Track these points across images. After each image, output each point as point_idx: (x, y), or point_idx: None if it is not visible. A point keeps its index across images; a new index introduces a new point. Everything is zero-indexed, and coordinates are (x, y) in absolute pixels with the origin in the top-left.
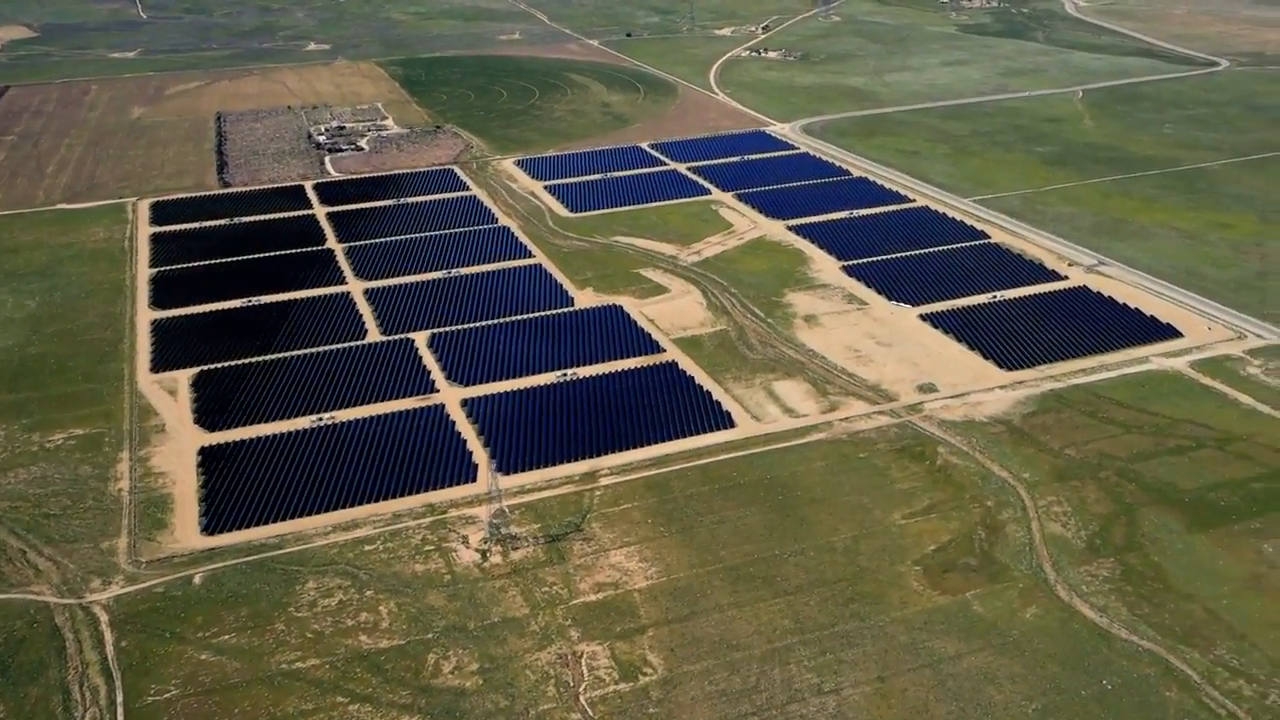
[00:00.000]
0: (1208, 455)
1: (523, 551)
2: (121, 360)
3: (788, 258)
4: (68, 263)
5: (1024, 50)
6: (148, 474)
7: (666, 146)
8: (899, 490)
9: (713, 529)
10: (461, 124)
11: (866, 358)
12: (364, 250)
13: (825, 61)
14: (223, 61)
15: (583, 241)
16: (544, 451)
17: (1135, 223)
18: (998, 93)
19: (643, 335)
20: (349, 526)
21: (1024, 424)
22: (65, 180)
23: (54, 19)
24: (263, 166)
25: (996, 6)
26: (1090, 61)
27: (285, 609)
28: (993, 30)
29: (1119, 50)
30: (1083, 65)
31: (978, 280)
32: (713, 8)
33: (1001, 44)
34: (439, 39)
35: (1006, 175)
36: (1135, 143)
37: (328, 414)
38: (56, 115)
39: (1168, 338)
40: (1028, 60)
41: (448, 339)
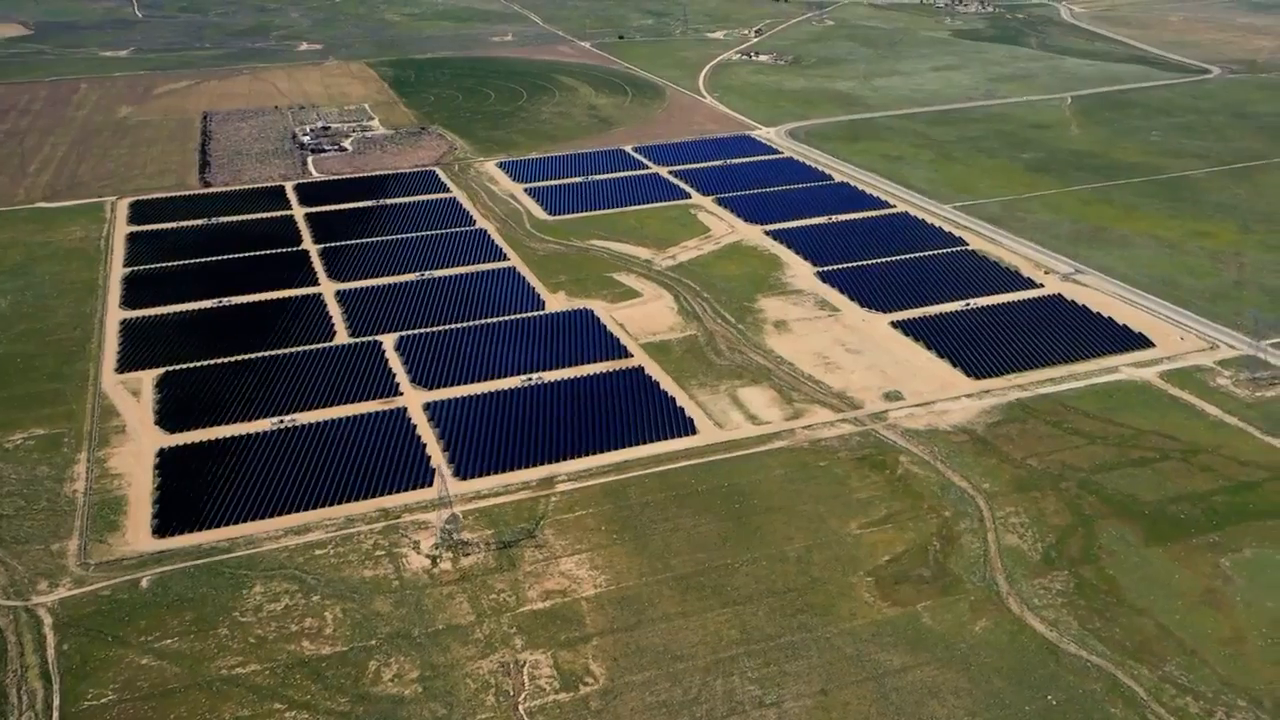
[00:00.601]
0: (1171, 467)
1: (473, 558)
2: (88, 360)
3: (763, 263)
4: (42, 261)
5: (1015, 56)
6: (104, 475)
7: (649, 150)
8: (857, 500)
9: (666, 537)
10: (447, 125)
11: (834, 365)
12: (339, 251)
13: (816, 65)
14: (214, 61)
15: (559, 245)
16: (504, 457)
17: (1115, 231)
18: (986, 98)
19: (611, 340)
20: (301, 530)
21: (988, 434)
22: (47, 179)
23: (49, 17)
24: (245, 167)
25: (992, 12)
26: (1082, 68)
27: (230, 613)
28: (986, 35)
29: (1111, 57)
30: (1074, 71)
31: (952, 287)
32: (707, 11)
33: (993, 49)
34: (431, 40)
35: (988, 181)
36: (1121, 150)
37: (289, 416)
38: (44, 113)
39: (1139, 347)
40: (1018, 66)
41: (416, 341)
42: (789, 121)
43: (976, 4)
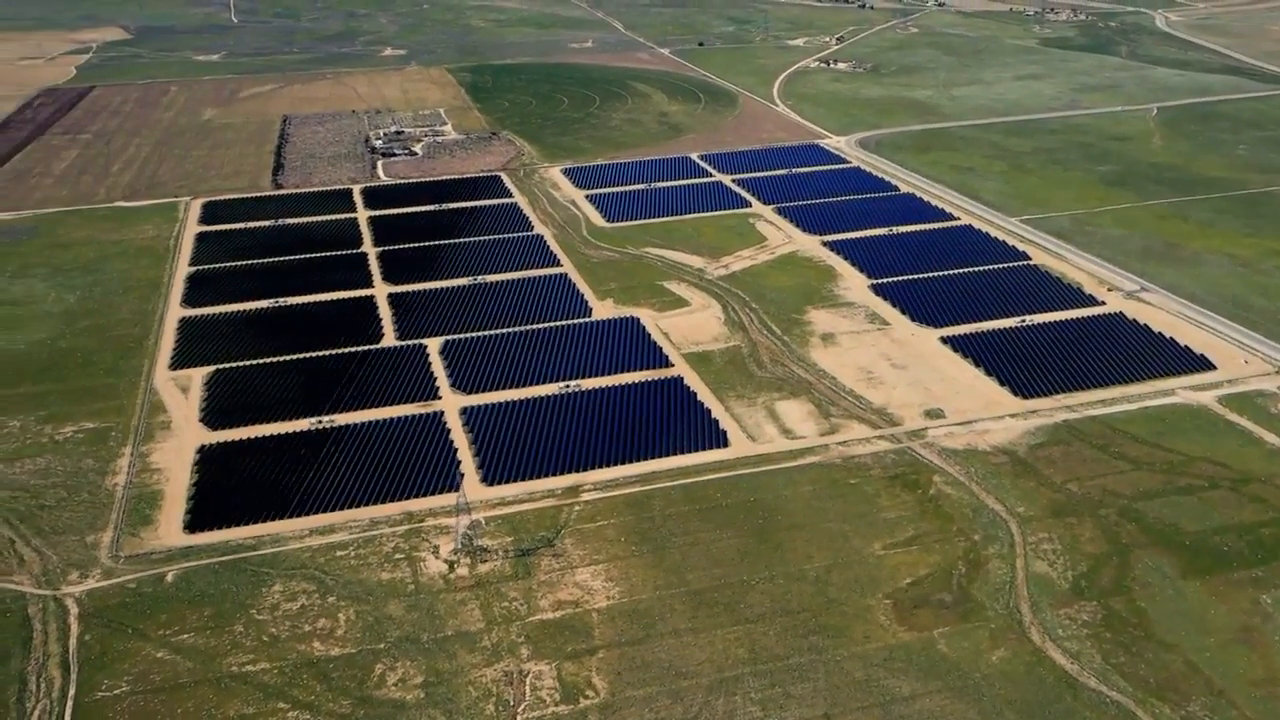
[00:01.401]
0: (1219, 496)
1: (490, 565)
2: (144, 357)
3: (816, 274)
4: (114, 259)
5: (1103, 65)
6: (145, 470)
7: (715, 158)
8: (884, 519)
9: (684, 551)
10: (518, 130)
11: (878, 380)
12: (396, 255)
13: (895, 74)
14: (300, 65)
15: (613, 252)
16: (533, 464)
17: (1187, 248)
18: (1069, 109)
19: (654, 349)
20: (326, 531)
21: (1029, 455)
22: (128, 179)
23: (149, 21)
24: (316, 169)
25: (1084, 20)
26: (1171, 78)
27: (247, 611)
28: (1075, 44)
29: (1204, 67)
30: (1162, 82)
31: (1009, 303)
32: (790, 18)
33: (1081, 58)
34: (512, 46)
35: (1060, 195)
36: (1203, 164)
37: (328, 417)
38: (133, 115)
39: (1200, 370)
40: (1105, 75)
41: (460, 346)
42: (860, 130)
43: (1068, 12)
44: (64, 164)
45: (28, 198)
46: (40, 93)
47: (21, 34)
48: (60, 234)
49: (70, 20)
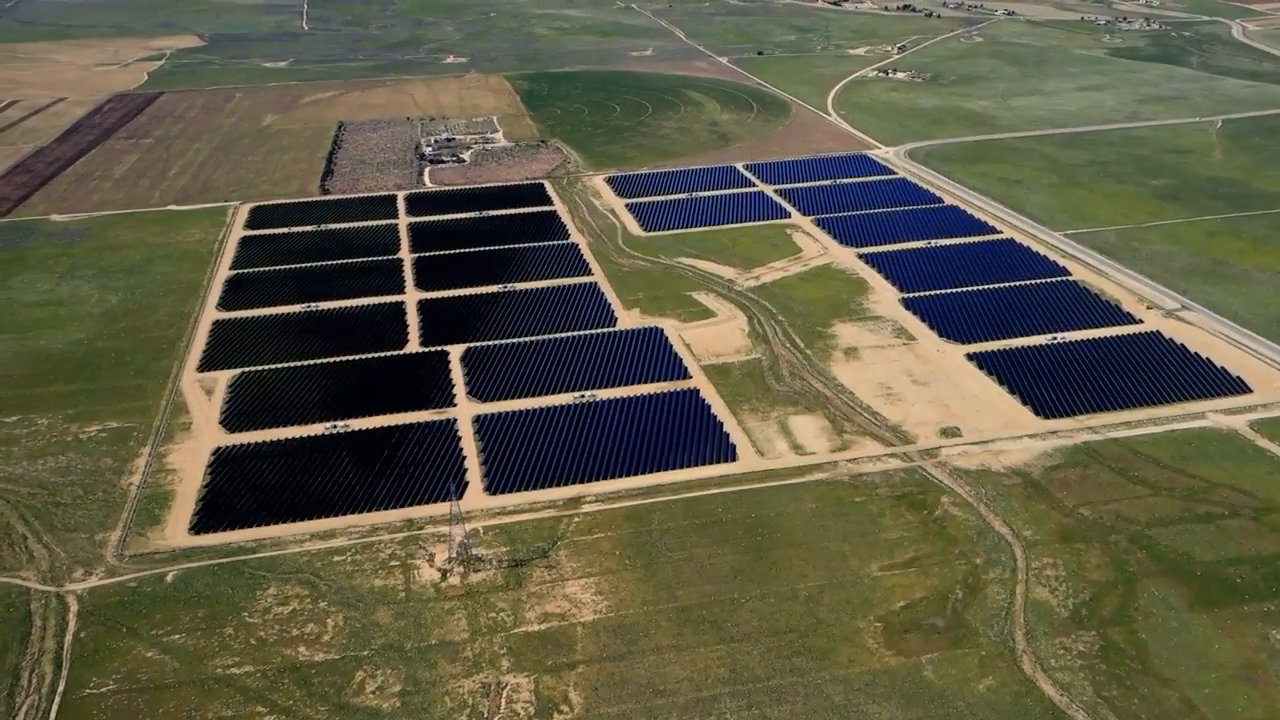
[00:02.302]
0: (1238, 526)
1: (483, 574)
2: (175, 358)
3: (848, 287)
4: (159, 262)
5: (1171, 76)
6: (160, 470)
7: (760, 167)
8: (885, 539)
9: (678, 566)
10: (567, 138)
11: (897, 396)
12: (431, 261)
13: (953, 84)
14: (363, 72)
15: (645, 261)
16: (538, 474)
17: (1236, 265)
18: (1130, 120)
19: (674, 360)
20: (326, 535)
21: (1043, 478)
22: (183, 183)
23: (223, 29)
24: (364, 176)
25: (1157, 29)
26: (1240, 89)
27: (240, 613)
28: (1144, 54)
29: (1275, 78)
30: (1231, 93)
31: (1043, 320)
32: (854, 27)
33: (1148, 69)
34: (572, 54)
35: (1109, 209)
36: (1264, 179)
37: (342, 422)
38: (196, 120)
39: (1234, 393)
40: (1172, 87)
41: (482, 353)
42: (911, 141)
43: (1141, 21)
44: (124, 168)
45: (86, 200)
46: (111, 98)
47: (101, 41)
48: (111, 236)
49: (148, 28)
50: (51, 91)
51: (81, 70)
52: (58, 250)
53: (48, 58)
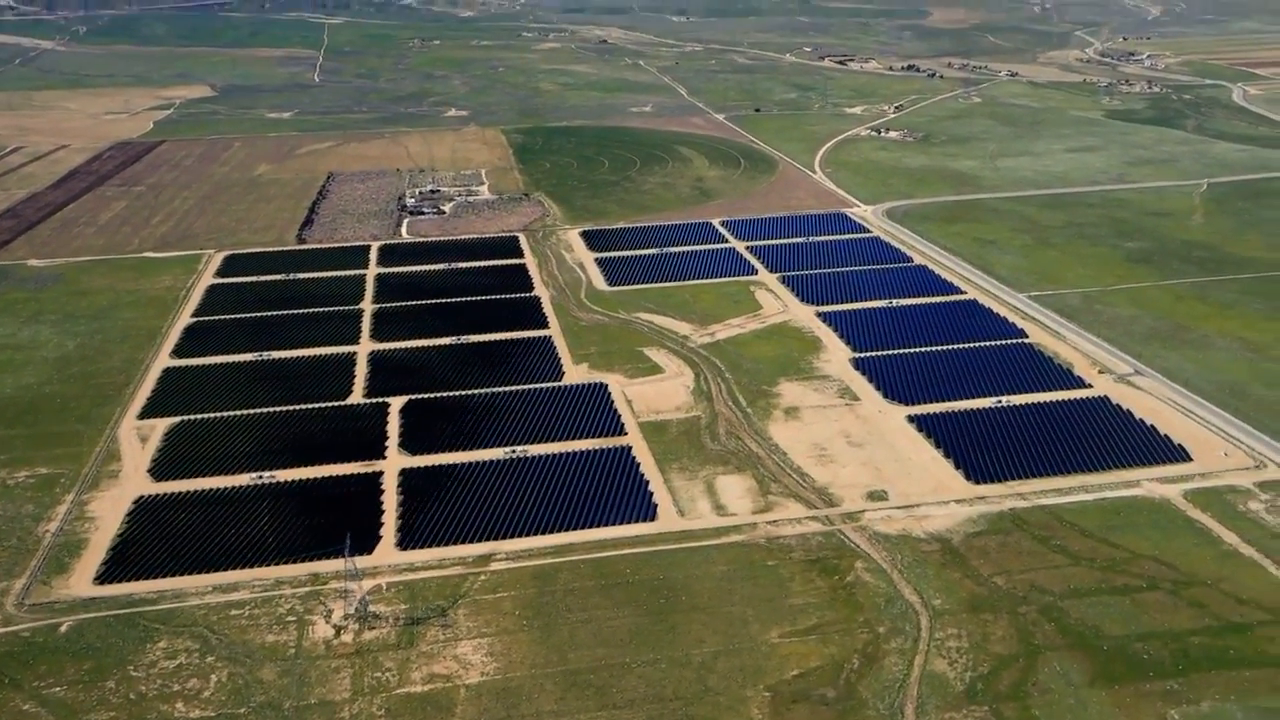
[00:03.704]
0: (1154, 599)
1: (377, 632)
2: (119, 405)
3: (801, 345)
4: (124, 308)
5: (1164, 139)
6: (79, 518)
7: (736, 224)
8: (790, 605)
9: (574, 628)
10: (551, 192)
11: (830, 458)
12: (391, 313)
13: (944, 143)
14: (364, 124)
15: (604, 316)
16: (454, 529)
17: (1197, 330)
18: (1115, 182)
19: (613, 416)
20: (229, 588)
21: (963, 544)
22: (164, 230)
23: (237, 80)
24: (343, 226)
25: (1158, 92)
26: (1231, 153)
27: (125, 667)
28: (1140, 117)
29: (1269, 142)
30: (1221, 157)
31: (991, 382)
32: (856, 86)
33: (1142, 131)
34: (572, 109)
35: (1079, 271)
36: (1240, 243)
37: (269, 473)
38: (190, 169)
39: (1174, 461)
40: (1163, 149)
41: (422, 406)
42: (892, 200)
43: (1143, 84)
44: (110, 214)
45: (66, 246)
46: (113, 146)
47: (115, 90)
48: (82, 282)
49: (164, 78)
50: (56, 138)
51: (90, 118)
52: (27, 295)
53: (60, 105)
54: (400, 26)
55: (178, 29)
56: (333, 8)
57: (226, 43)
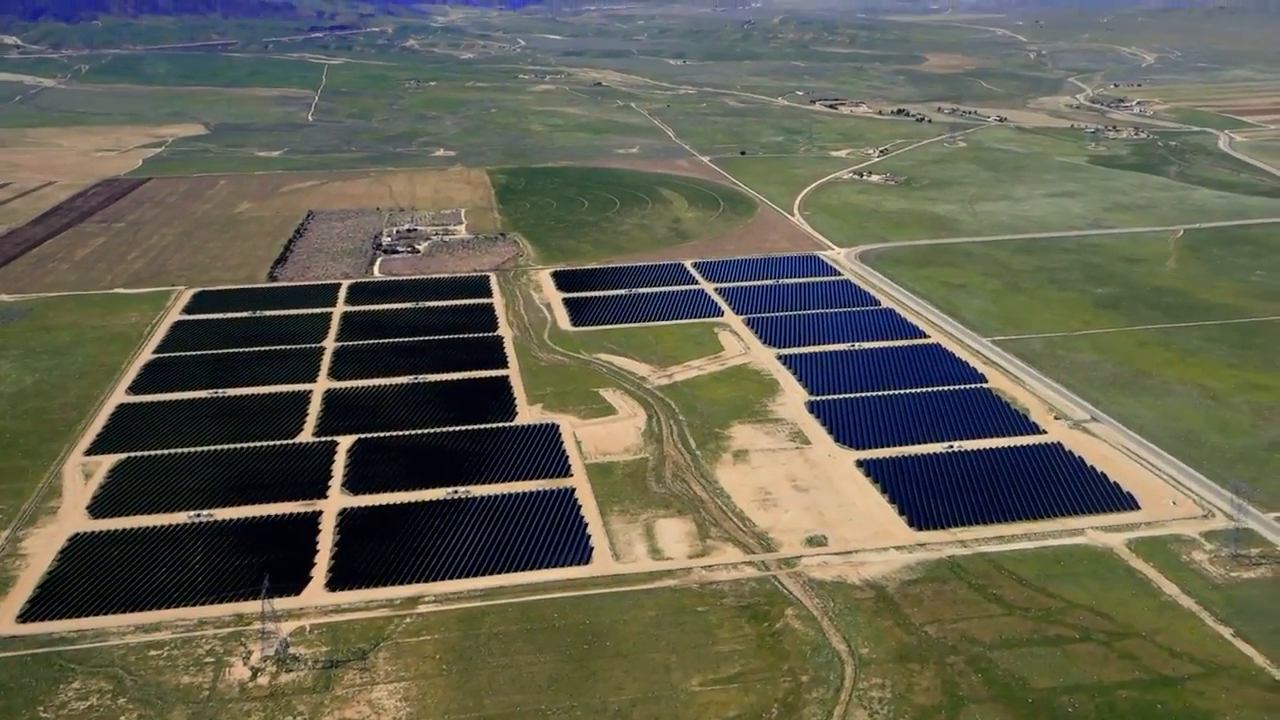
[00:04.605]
0: (1086, 651)
1: (295, 675)
2: (68, 441)
3: (758, 388)
4: (88, 344)
5: (1144, 184)
6: (12, 555)
7: (707, 265)
8: (715, 652)
9: (493, 674)
10: (527, 232)
11: (773, 502)
12: (351, 351)
13: (924, 187)
14: (351, 163)
15: (565, 356)
16: (386, 570)
17: (1158, 377)
18: (1091, 228)
19: (560, 458)
20: (151, 628)
21: (898, 592)
22: (138, 266)
23: (231, 119)
24: (316, 264)
25: (1144, 139)
26: (1211, 200)
27: (35, 708)
28: (1123, 163)
29: (1250, 189)
30: (1201, 203)
31: (945, 427)
32: (844, 130)
33: (1123, 177)
34: (559, 150)
35: (1045, 316)
36: (1210, 289)
37: (206, 511)
38: (172, 206)
39: (1122, 509)
40: (1143, 195)
41: (370, 445)
42: (866, 243)
43: (1130, 130)
44: (87, 250)
45: (38, 281)
46: (99, 183)
47: (109, 127)
48: (49, 318)
49: (159, 116)
50: (45, 175)
51: (80, 155)
52: None
53: (53, 142)
54: (399, 68)
55: (179, 68)
56: (335, 49)
57: (225, 82)
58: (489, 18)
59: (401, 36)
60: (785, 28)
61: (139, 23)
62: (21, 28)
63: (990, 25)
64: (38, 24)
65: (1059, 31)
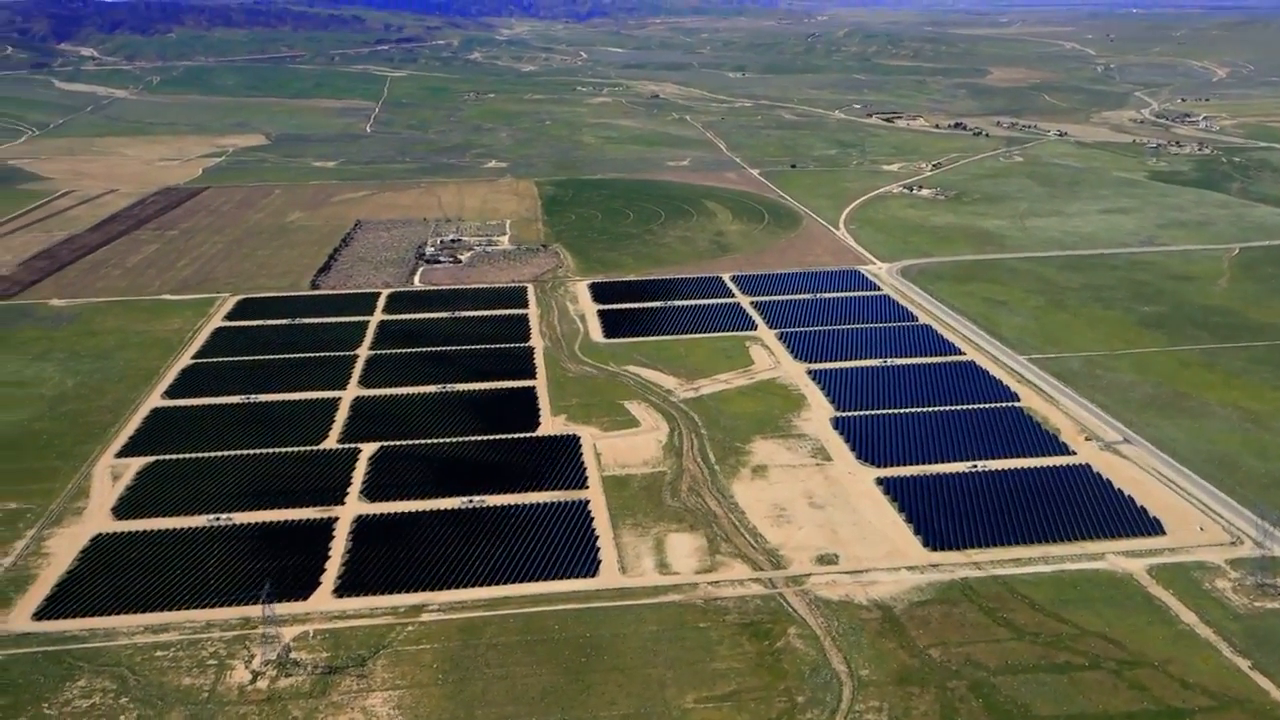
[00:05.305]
0: (1094, 679)
1: (294, 679)
2: (101, 443)
3: (784, 402)
4: (129, 349)
5: (1203, 201)
6: (35, 554)
7: (745, 279)
8: (712, 670)
9: (488, 685)
10: (569, 244)
11: (787, 519)
12: (384, 359)
13: (975, 202)
14: (404, 174)
15: (593, 368)
16: (393, 578)
17: (1197, 399)
18: (1144, 245)
19: (578, 469)
20: (159, 629)
21: (905, 613)
22: (187, 274)
23: (291, 129)
24: (358, 272)
25: (1208, 154)
26: (1270, 217)
27: (40, 705)
28: (1184, 179)
29: None
30: (1260, 220)
31: (972, 446)
32: (898, 143)
33: (1182, 193)
34: (609, 162)
35: (1086, 335)
36: (1263, 310)
37: (226, 515)
38: (226, 215)
39: (1146, 534)
40: (1200, 212)
41: (391, 453)
42: (909, 258)
43: (1193, 145)
44: (139, 257)
45: (89, 287)
46: (158, 191)
47: (173, 137)
48: (96, 323)
49: (223, 127)
50: (107, 183)
51: (144, 164)
52: (41, 333)
53: (119, 152)
54: (460, 80)
55: (246, 80)
56: (399, 61)
57: (290, 94)
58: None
59: (466, 49)
60: (850, 40)
61: (212, 35)
62: (99, 40)
63: (1060, 39)
64: (114, 36)
65: (1129, 45)
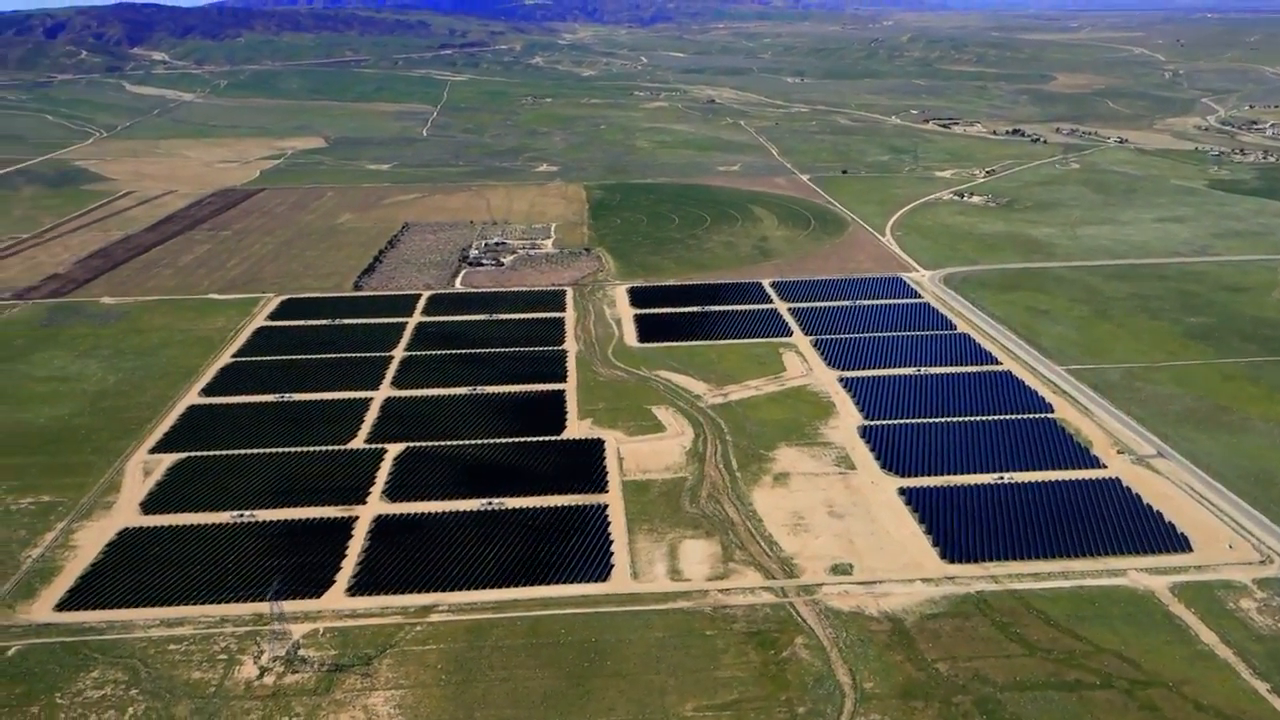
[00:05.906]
0: (1105, 699)
1: (300, 676)
2: (136, 439)
3: (814, 410)
4: (173, 346)
5: (1263, 210)
6: (63, 546)
7: (785, 285)
8: (715, 678)
9: (490, 687)
10: (612, 248)
11: (805, 528)
12: (418, 360)
13: (1026, 209)
14: (456, 177)
15: (624, 372)
16: (405, 578)
17: (1238, 413)
18: (1197, 254)
19: (599, 473)
20: (174, 623)
21: (915, 626)
22: (236, 274)
23: (350, 132)
24: (402, 274)
25: (1273, 162)
26: None
27: (53, 694)
28: (1245, 188)
29: None
30: None
31: (999, 458)
32: (953, 149)
33: (1241, 202)
34: (661, 166)
35: (1129, 345)
36: None
37: (249, 512)
38: (279, 216)
39: (1172, 551)
40: (1259, 221)
41: (416, 454)
42: (953, 266)
43: (1258, 153)
44: (191, 257)
45: (140, 285)
46: (215, 192)
47: (235, 140)
48: (143, 320)
49: (284, 129)
50: (167, 184)
51: (204, 166)
52: (89, 330)
53: (180, 153)
54: (519, 84)
55: (310, 83)
56: (461, 65)
57: (352, 97)
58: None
59: (528, 54)
60: (913, 46)
61: (280, 39)
62: (170, 44)
63: (1129, 44)
64: (185, 41)
65: (1200, 50)
